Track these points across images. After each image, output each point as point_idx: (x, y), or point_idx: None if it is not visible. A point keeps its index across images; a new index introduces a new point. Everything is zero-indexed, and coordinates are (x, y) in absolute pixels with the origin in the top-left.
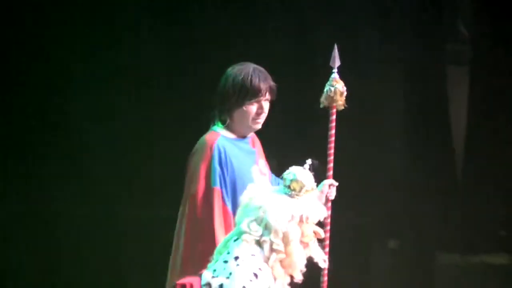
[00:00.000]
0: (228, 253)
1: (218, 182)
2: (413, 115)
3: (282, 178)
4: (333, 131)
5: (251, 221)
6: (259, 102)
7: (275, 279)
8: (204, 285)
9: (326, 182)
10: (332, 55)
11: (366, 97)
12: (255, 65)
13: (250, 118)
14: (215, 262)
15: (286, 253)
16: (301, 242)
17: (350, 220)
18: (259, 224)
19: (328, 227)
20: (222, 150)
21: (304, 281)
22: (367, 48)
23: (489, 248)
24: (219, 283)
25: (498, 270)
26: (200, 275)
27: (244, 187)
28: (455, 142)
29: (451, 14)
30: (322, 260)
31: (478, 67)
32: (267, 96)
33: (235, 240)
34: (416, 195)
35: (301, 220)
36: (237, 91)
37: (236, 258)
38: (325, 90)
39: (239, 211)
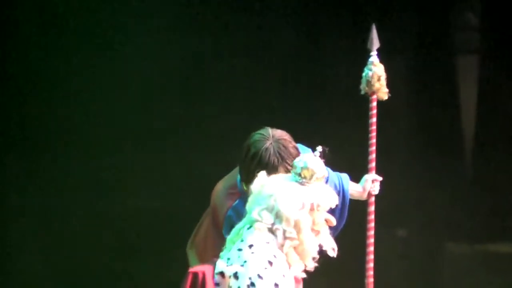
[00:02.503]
0: (242, 241)
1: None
2: (421, 104)
3: (292, 166)
4: (374, 120)
5: (262, 209)
6: None
7: (289, 266)
8: (218, 273)
9: (368, 177)
10: (370, 36)
11: None
12: (276, 136)
13: None
14: (228, 250)
15: (299, 241)
16: (312, 230)
17: (358, 208)
18: (270, 213)
19: (372, 224)
20: (234, 219)
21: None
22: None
23: (496, 236)
24: (234, 271)
25: (506, 259)
26: (213, 263)
27: None
28: (463, 132)
29: (460, 3)
30: (332, 248)
31: (487, 56)
32: None
33: (248, 228)
34: (424, 184)
35: (312, 208)
36: (247, 166)
37: (251, 246)
38: (363, 75)
39: (250, 199)
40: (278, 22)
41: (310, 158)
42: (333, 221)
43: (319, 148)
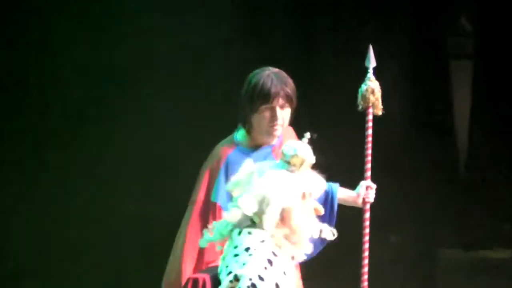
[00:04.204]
0: (236, 247)
1: (220, 198)
2: (415, 108)
3: (281, 153)
4: (369, 132)
5: (251, 198)
6: (272, 108)
7: (288, 256)
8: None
9: (363, 183)
10: (367, 55)
11: None
12: (274, 70)
13: (265, 124)
14: (223, 259)
15: (291, 229)
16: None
17: (349, 214)
18: (261, 202)
19: (367, 230)
20: (232, 165)
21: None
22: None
23: (492, 243)
24: (234, 274)
25: (500, 265)
26: (209, 271)
27: None
28: (457, 136)
29: (452, 7)
30: (321, 235)
31: (480, 60)
32: (281, 101)
33: (238, 234)
34: (418, 190)
35: (303, 196)
36: (249, 96)
37: (247, 249)
38: (360, 90)
39: (237, 189)
40: (275, 24)
41: (299, 146)
42: (321, 210)
43: (307, 135)
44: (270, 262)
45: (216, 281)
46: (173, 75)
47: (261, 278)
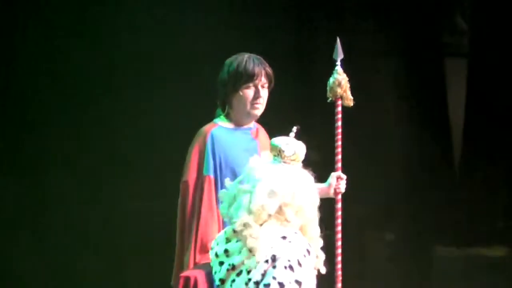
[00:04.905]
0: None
1: (211, 170)
2: (411, 107)
3: (279, 151)
4: (339, 123)
5: (265, 200)
6: (255, 86)
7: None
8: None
9: (334, 174)
10: (335, 48)
11: (363, 89)
12: (251, 54)
13: (248, 103)
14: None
15: (309, 222)
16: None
17: (347, 211)
18: (279, 200)
19: (339, 220)
20: (217, 139)
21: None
22: (364, 41)
23: (486, 240)
24: (272, 254)
25: (495, 262)
26: (202, 268)
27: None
28: (453, 134)
29: (449, 6)
30: None
31: (476, 58)
32: (263, 80)
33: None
34: (413, 187)
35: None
36: (232, 76)
37: (284, 237)
38: (328, 83)
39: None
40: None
41: (294, 143)
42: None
43: (294, 129)
44: (308, 251)
45: (211, 279)
46: (172, 75)
47: (299, 264)
